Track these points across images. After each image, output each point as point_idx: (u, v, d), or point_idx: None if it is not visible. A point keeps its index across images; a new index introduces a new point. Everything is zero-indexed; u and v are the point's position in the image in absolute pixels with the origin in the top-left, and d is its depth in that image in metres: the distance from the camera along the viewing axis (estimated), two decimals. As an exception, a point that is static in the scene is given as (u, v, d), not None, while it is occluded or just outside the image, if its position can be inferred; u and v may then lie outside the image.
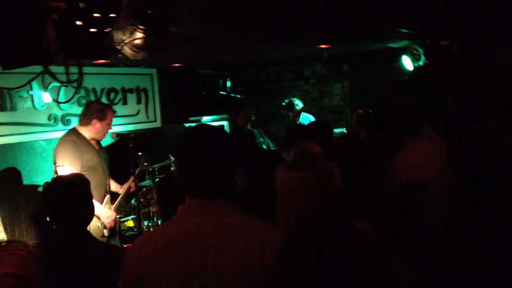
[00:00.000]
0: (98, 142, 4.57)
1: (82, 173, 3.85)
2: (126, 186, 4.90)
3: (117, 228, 4.60)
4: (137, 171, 4.85)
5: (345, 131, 6.87)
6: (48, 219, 2.63)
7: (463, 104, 5.95)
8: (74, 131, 4.42)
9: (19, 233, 5.28)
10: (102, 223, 4.29)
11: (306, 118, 6.70)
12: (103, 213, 4.31)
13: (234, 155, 1.81)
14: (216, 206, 1.72)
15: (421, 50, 5.93)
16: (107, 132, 4.57)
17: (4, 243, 1.29)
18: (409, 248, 2.71)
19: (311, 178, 2.60)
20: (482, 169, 3.69)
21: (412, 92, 6.37)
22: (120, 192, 4.89)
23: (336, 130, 6.77)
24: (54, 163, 4.28)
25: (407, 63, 6.21)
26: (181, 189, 1.78)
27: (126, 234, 5.07)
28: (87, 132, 4.42)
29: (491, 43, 5.80)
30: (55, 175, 4.14)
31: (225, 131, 1.93)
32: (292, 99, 6.85)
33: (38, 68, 2.78)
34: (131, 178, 4.83)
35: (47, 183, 2.71)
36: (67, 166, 4.13)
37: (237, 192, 1.82)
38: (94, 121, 4.39)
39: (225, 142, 1.79)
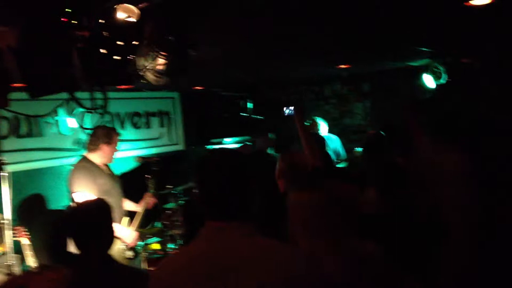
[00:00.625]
0: (108, 166, 4.67)
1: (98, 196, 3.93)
2: (143, 203, 4.97)
3: (138, 248, 4.65)
4: (151, 188, 4.94)
5: None
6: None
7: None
8: (84, 158, 4.54)
9: (48, 257, 5.34)
10: (125, 245, 4.33)
11: (330, 138, 6.69)
12: (124, 233, 4.36)
13: (251, 179, 1.84)
14: (235, 229, 1.74)
15: (442, 68, 5.90)
16: (115, 154, 4.66)
17: (39, 269, 1.33)
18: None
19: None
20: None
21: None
22: (139, 210, 4.97)
23: (357, 149, 6.74)
24: (69, 190, 4.37)
25: (429, 81, 6.18)
26: (202, 212, 1.81)
27: (151, 257, 5.09)
28: (96, 157, 4.52)
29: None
30: (72, 203, 4.22)
31: (242, 155, 1.96)
32: (314, 118, 6.86)
33: (63, 95, 2.86)
34: (147, 195, 4.91)
35: (68, 208, 2.76)
36: (83, 192, 4.21)
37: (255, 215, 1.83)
38: (102, 145, 4.50)
39: (242, 166, 1.83)
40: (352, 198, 3.29)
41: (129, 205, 5.02)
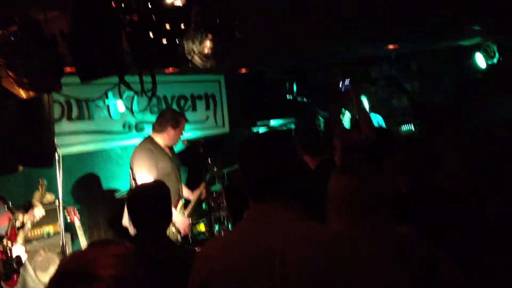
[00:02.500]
0: (171, 148, 4.71)
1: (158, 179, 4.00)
2: (197, 192, 5.02)
3: (189, 234, 4.72)
4: (207, 177, 4.96)
5: (413, 128, 6.67)
6: (128, 224, 2.74)
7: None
8: (149, 139, 4.59)
9: (98, 237, 5.51)
10: (176, 229, 4.41)
11: (374, 118, 6.56)
12: (178, 219, 4.43)
13: (295, 160, 1.82)
14: (280, 211, 1.74)
15: (494, 47, 5.68)
16: (179, 139, 4.70)
17: (103, 243, 1.35)
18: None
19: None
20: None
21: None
22: (191, 199, 5.02)
23: (404, 128, 6.61)
24: (131, 170, 4.45)
25: (480, 60, 5.97)
26: (245, 194, 1.82)
27: (198, 238, 5.17)
28: (161, 139, 4.57)
29: None
30: (134, 182, 4.31)
31: (286, 136, 1.96)
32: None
33: (113, 79, 2.91)
34: (202, 184, 4.93)
35: (131, 190, 2.85)
36: (145, 173, 4.28)
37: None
38: (169, 128, 4.55)
39: (286, 147, 1.82)
40: (391, 181, 3.26)
41: (184, 191, 5.09)
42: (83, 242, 4.69)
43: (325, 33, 4.81)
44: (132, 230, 4.46)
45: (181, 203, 4.69)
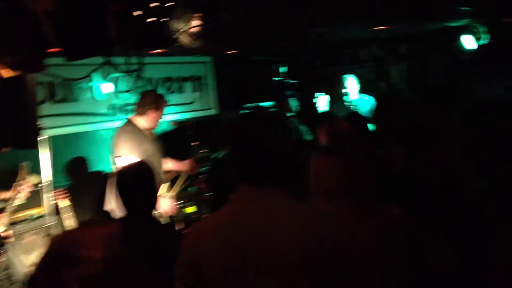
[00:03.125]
0: (151, 131, 4.68)
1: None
2: (185, 165, 5.01)
3: (178, 215, 4.72)
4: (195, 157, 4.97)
5: None
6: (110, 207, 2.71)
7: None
8: (130, 122, 4.55)
9: (85, 219, 5.46)
10: (158, 212, 4.39)
11: (362, 100, 6.55)
12: (161, 200, 4.41)
13: (283, 140, 1.80)
14: (268, 192, 1.72)
15: (483, 29, 5.68)
16: (160, 121, 4.67)
17: (89, 223, 1.33)
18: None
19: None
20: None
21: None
22: (179, 170, 5.01)
23: None
24: (113, 152, 4.41)
25: (469, 42, 5.97)
26: (233, 175, 1.79)
27: (187, 220, 5.16)
28: (142, 122, 4.53)
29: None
30: (116, 165, 4.27)
31: (275, 116, 1.93)
32: (343, 77, 6.71)
33: (98, 60, 2.86)
34: (192, 159, 4.96)
35: (119, 170, 2.82)
36: (126, 156, 4.25)
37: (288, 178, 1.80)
38: (150, 111, 4.51)
39: (274, 127, 1.79)
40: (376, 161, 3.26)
41: (170, 164, 5.06)
42: (70, 224, 4.65)
43: (314, 15, 4.76)
44: (117, 213, 4.45)
45: (164, 185, 4.67)
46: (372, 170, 2.30)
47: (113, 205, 4.55)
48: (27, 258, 4.53)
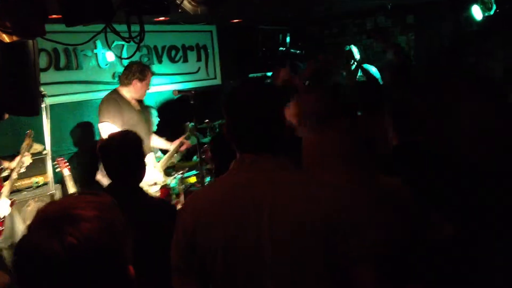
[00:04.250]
0: (140, 103, 4.70)
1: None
2: (176, 143, 5.01)
3: (179, 186, 4.75)
4: (188, 130, 4.96)
5: None
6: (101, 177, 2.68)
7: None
8: (115, 91, 4.61)
9: (87, 187, 5.47)
10: (147, 182, 4.41)
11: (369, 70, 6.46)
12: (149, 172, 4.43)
13: (282, 110, 1.79)
14: (267, 161, 1.73)
15: (492, -1, 5.57)
16: (146, 92, 4.68)
17: (79, 193, 1.31)
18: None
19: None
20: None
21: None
22: (169, 149, 5.01)
23: None
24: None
25: (477, 12, 5.87)
26: (231, 145, 1.80)
27: (190, 189, 5.17)
28: (128, 92, 4.58)
29: None
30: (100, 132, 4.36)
31: (273, 86, 1.92)
32: (351, 47, 6.60)
33: (101, 27, 2.82)
34: (183, 136, 4.95)
35: (102, 139, 2.80)
36: (109, 123, 4.30)
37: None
38: (135, 81, 4.55)
39: (273, 97, 1.79)
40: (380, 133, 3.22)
41: (158, 141, 5.08)
42: (72, 192, 4.67)
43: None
44: (104, 182, 4.48)
45: (152, 156, 4.70)
46: (367, 142, 2.29)
47: (99, 175, 4.62)
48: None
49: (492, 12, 5.65)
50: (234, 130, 1.78)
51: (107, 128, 4.31)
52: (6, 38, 2.60)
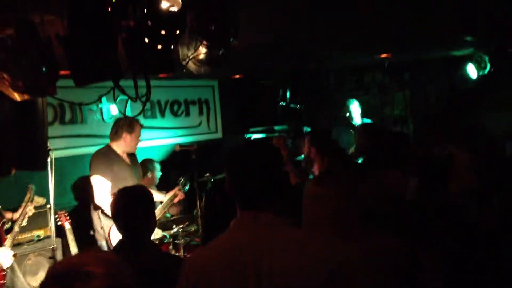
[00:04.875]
0: (131, 157, 4.76)
1: (113, 183, 4.20)
2: (170, 194, 5.05)
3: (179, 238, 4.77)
4: (181, 181, 5.03)
5: None
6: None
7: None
8: (107, 146, 4.69)
9: (89, 241, 5.46)
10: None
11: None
12: None
13: (281, 169, 1.86)
14: (267, 218, 1.77)
15: (486, 58, 5.74)
16: (137, 144, 4.75)
17: (89, 250, 1.36)
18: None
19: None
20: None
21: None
22: (163, 200, 5.06)
23: None
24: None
25: (472, 71, 6.03)
26: (231, 201, 1.84)
27: (190, 244, 5.16)
28: (118, 147, 4.66)
29: None
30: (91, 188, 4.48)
31: (273, 146, 2.00)
32: (348, 101, 6.77)
33: (108, 82, 2.91)
34: (176, 188, 5.00)
35: (115, 193, 2.84)
36: (99, 176, 4.35)
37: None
38: (124, 134, 4.63)
39: (273, 157, 1.85)
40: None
41: (156, 195, 5.12)
42: (73, 246, 4.67)
43: (320, 41, 4.84)
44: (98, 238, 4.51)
45: None
46: (362, 199, 2.34)
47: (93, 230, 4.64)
48: (32, 279, 4.55)
49: (486, 72, 5.80)
50: (234, 187, 1.83)
51: (97, 181, 4.39)
52: (17, 97, 2.70)
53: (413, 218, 2.93)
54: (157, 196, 5.16)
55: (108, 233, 4.40)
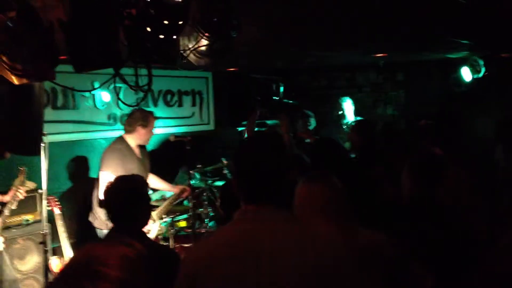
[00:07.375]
0: (142, 149, 4.75)
1: None
2: (179, 188, 5.05)
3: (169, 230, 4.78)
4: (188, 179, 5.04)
5: None
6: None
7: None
8: (121, 139, 4.66)
9: (78, 227, 5.44)
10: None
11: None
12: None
13: (287, 163, 1.86)
14: (269, 212, 1.78)
15: (481, 62, 5.79)
16: (150, 138, 4.74)
17: (114, 237, 1.34)
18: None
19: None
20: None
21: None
22: (172, 191, 5.05)
23: None
24: (99, 166, 4.55)
25: (466, 74, 6.08)
26: (237, 195, 1.85)
27: (179, 234, 5.18)
28: (132, 139, 4.64)
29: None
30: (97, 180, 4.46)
31: (280, 140, 2.00)
32: (341, 99, 6.79)
33: (105, 70, 2.89)
34: (183, 186, 5.09)
35: (110, 182, 2.82)
36: (110, 173, 4.32)
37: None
38: (139, 128, 4.61)
39: (279, 151, 1.86)
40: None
41: (156, 182, 5.11)
42: (61, 232, 4.65)
43: (314, 39, 4.85)
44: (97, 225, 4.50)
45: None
46: (352, 195, 2.40)
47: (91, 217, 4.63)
48: (19, 263, 4.53)
49: (481, 75, 5.85)
50: (240, 181, 1.84)
51: (107, 177, 4.31)
52: (15, 81, 2.67)
53: (404, 214, 2.98)
54: (162, 185, 5.15)
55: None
